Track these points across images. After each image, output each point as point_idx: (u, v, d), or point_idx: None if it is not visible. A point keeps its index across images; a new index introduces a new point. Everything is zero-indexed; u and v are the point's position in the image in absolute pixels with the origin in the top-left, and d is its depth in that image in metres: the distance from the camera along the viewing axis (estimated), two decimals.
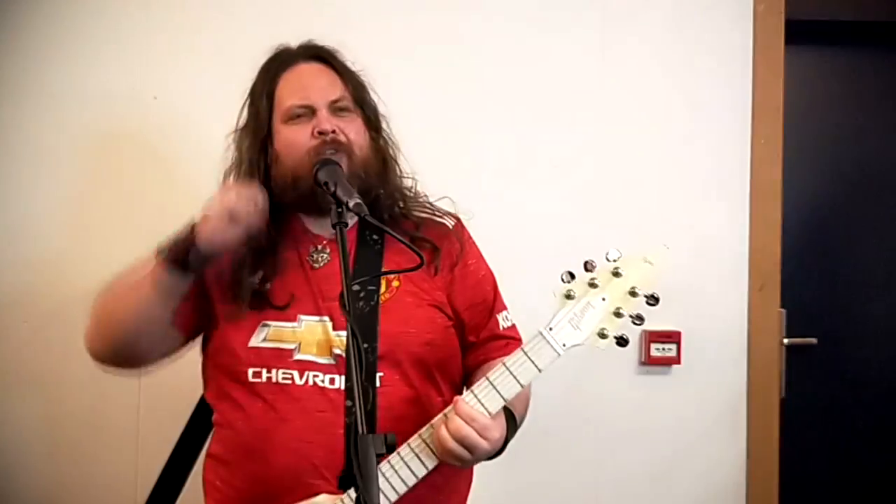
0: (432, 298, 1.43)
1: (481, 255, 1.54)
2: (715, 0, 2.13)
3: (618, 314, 1.24)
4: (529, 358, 1.24)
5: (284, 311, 1.38)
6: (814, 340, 2.38)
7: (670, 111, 2.13)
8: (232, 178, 1.48)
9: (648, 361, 2.11)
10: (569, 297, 1.24)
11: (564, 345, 1.24)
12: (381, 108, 1.51)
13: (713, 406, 2.15)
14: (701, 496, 2.15)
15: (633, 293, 1.24)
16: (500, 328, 1.49)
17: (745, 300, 2.15)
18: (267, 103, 1.44)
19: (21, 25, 2.00)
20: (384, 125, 1.51)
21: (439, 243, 1.46)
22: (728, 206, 2.14)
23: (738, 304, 2.15)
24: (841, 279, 2.46)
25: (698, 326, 2.13)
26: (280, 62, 1.47)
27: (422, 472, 1.24)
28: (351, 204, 1.23)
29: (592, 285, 1.24)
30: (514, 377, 1.24)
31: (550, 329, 1.24)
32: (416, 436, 1.26)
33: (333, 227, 1.25)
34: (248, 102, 1.49)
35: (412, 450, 1.25)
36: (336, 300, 1.35)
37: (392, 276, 1.40)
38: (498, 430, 1.26)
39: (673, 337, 2.11)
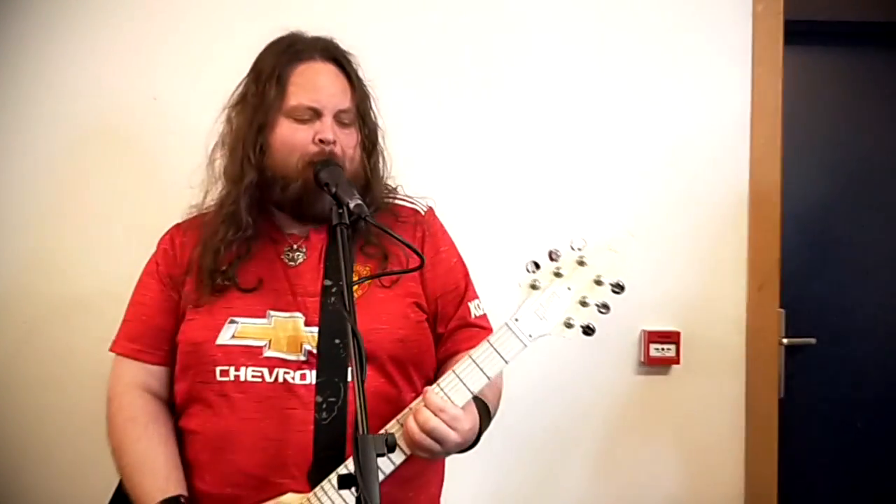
0: (405, 290, 1.42)
1: (453, 244, 1.53)
2: (715, 0, 2.13)
3: (584, 303, 1.24)
4: (496, 349, 1.24)
5: (251, 293, 1.37)
6: (813, 340, 2.38)
7: (669, 111, 2.13)
8: (220, 151, 1.47)
9: (648, 362, 2.11)
10: (534, 287, 1.24)
11: (531, 335, 1.24)
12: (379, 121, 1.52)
13: (712, 406, 2.15)
14: (700, 496, 2.15)
15: (598, 282, 1.24)
16: (472, 316, 1.47)
17: (744, 300, 2.14)
18: (276, 90, 1.40)
19: (21, 25, 2.00)
20: (380, 139, 1.50)
21: (412, 229, 1.46)
22: (728, 206, 2.14)
23: (737, 304, 2.14)
24: (840, 279, 2.46)
25: (698, 326, 2.13)
26: (297, 51, 1.44)
27: (389, 468, 1.22)
28: (352, 205, 1.23)
29: (557, 275, 1.24)
30: (481, 369, 1.24)
31: (517, 320, 1.24)
32: (381, 431, 1.24)
33: (334, 227, 1.24)
34: (252, 78, 1.45)
35: None
36: (312, 296, 1.37)
37: (363, 271, 1.39)
38: (469, 421, 1.26)
39: (672, 337, 2.11)
